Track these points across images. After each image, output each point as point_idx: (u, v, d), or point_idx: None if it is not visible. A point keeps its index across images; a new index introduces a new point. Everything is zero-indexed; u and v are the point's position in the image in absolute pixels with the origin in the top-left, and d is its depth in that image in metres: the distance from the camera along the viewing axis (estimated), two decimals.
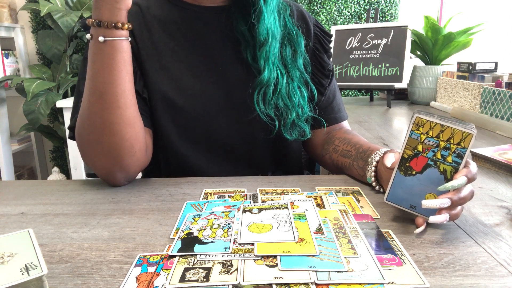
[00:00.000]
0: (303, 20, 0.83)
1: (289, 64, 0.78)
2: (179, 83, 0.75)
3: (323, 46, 0.84)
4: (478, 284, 0.38)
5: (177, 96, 0.74)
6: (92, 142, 0.65)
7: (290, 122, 0.76)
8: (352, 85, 1.72)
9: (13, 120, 2.43)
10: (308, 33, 0.83)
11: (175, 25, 0.76)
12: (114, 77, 0.63)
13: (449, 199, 0.47)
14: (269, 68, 0.74)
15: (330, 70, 0.85)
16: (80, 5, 2.17)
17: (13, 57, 2.35)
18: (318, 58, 0.83)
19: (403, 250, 0.44)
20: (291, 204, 0.54)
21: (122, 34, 0.62)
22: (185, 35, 0.76)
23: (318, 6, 2.21)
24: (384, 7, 2.19)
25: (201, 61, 0.76)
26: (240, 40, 0.76)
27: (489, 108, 1.18)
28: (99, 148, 0.65)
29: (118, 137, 0.64)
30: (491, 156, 0.75)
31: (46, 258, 0.44)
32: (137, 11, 0.77)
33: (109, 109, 0.63)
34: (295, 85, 0.77)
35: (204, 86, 0.75)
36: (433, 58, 1.62)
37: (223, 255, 0.42)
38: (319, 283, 0.37)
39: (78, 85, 0.76)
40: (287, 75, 0.77)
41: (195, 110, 0.75)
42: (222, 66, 0.76)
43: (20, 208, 0.59)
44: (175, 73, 0.75)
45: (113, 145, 0.64)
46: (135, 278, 0.40)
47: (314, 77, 0.82)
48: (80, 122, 0.66)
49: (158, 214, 0.56)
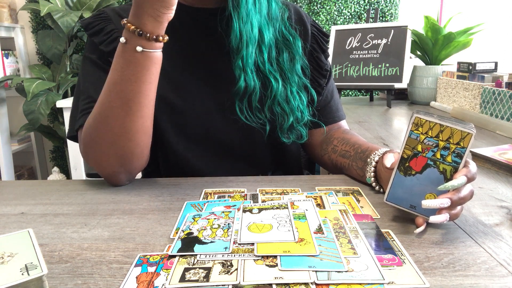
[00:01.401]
0: (301, 22, 0.83)
1: (287, 69, 0.77)
2: (177, 84, 0.75)
3: (320, 46, 0.84)
4: (478, 284, 0.38)
5: (175, 97, 0.74)
6: (104, 144, 0.65)
7: (287, 126, 0.75)
8: (352, 85, 1.72)
9: (13, 120, 2.43)
10: (306, 35, 0.82)
11: (171, 27, 0.76)
12: (144, 87, 0.62)
13: (449, 199, 0.47)
14: (248, 76, 0.72)
15: (328, 70, 0.84)
16: (80, 5, 2.17)
17: (13, 57, 2.35)
18: (315, 58, 0.83)
19: (403, 250, 0.44)
20: (291, 204, 0.54)
21: (159, 46, 0.62)
22: (179, 37, 0.76)
23: (318, 6, 2.21)
24: (384, 7, 2.19)
25: (196, 64, 0.76)
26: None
27: (489, 108, 1.18)
28: (111, 151, 0.65)
29: (133, 143, 0.64)
30: (491, 156, 0.75)
31: (46, 258, 0.44)
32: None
33: (132, 116, 0.63)
34: (293, 90, 0.77)
35: (201, 87, 0.75)
36: (433, 58, 1.62)
37: (223, 255, 0.42)
38: (319, 283, 0.37)
39: (78, 85, 0.75)
40: (283, 80, 0.76)
41: (194, 110, 0.75)
42: (216, 69, 0.76)
43: (20, 208, 0.59)
44: (172, 74, 0.74)
45: (126, 150, 0.65)
46: (135, 278, 0.40)
47: (312, 77, 0.82)
48: (92, 123, 0.65)
49: (158, 214, 0.56)
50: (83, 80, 0.74)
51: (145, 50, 0.60)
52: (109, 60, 0.70)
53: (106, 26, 0.74)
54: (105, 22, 0.74)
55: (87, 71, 0.74)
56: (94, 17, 0.76)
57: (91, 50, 0.75)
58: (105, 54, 0.72)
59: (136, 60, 0.60)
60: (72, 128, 0.74)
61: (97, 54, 0.73)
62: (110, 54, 0.70)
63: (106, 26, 0.74)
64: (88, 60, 0.75)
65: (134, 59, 0.60)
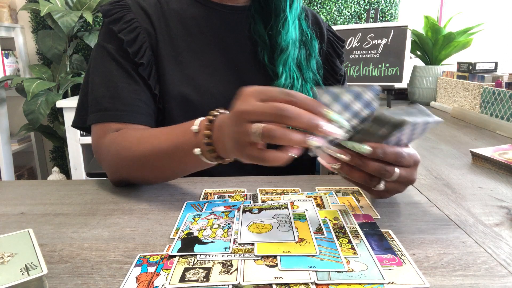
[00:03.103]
0: (317, 24, 0.85)
1: (304, 66, 0.79)
2: (196, 80, 0.74)
3: (335, 51, 0.85)
4: (478, 284, 0.38)
5: (193, 93, 0.73)
6: (126, 171, 0.65)
7: None
8: (352, 85, 1.72)
9: (13, 120, 2.43)
10: (322, 37, 0.84)
11: (194, 21, 0.76)
12: (186, 172, 0.64)
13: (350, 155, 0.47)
14: (286, 74, 0.75)
15: (342, 75, 0.87)
16: (80, 5, 2.17)
17: (13, 57, 2.35)
18: (330, 62, 0.85)
19: (403, 250, 0.44)
20: (291, 204, 0.54)
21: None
22: (203, 32, 0.75)
23: (318, 6, 2.21)
24: (384, 7, 2.18)
25: (218, 59, 0.76)
26: (257, 41, 0.76)
27: (489, 108, 1.18)
28: (131, 176, 0.65)
29: (161, 180, 0.66)
30: (491, 156, 0.75)
31: (46, 258, 0.44)
32: (156, 3, 0.75)
33: (164, 177, 0.65)
34: (308, 87, 0.78)
35: (220, 85, 0.75)
36: (433, 58, 1.62)
37: (223, 255, 0.42)
38: (319, 283, 0.37)
39: (88, 74, 0.74)
40: (301, 77, 0.78)
41: (211, 108, 0.75)
42: (239, 66, 0.76)
43: (20, 208, 0.59)
44: (192, 70, 0.74)
45: (152, 180, 0.66)
46: (135, 278, 0.40)
47: (326, 81, 0.84)
48: (122, 150, 0.63)
49: (158, 214, 0.56)
50: (95, 70, 0.72)
51: (207, 161, 0.55)
52: (127, 51, 0.70)
53: (126, 14, 0.72)
54: (125, 10, 0.73)
55: (100, 61, 0.73)
56: (112, 3, 0.74)
57: (108, 39, 0.72)
58: (124, 43, 0.70)
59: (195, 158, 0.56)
60: (80, 119, 0.74)
61: (114, 45, 0.71)
62: (129, 44, 0.70)
63: (126, 15, 0.72)
64: (103, 49, 0.72)
65: (193, 157, 0.56)
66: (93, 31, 2.24)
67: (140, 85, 0.71)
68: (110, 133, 0.68)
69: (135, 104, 0.70)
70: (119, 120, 0.68)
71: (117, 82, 0.70)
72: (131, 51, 0.70)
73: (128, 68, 0.71)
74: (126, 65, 0.71)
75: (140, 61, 0.70)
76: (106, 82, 0.70)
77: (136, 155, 0.62)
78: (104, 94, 0.69)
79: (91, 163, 1.16)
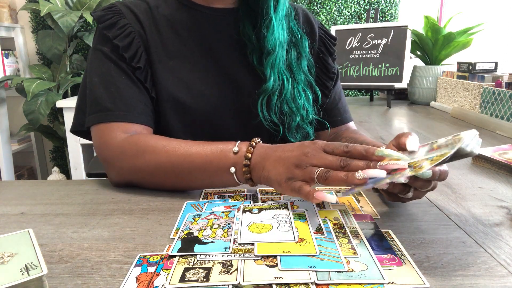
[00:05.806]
0: (308, 22, 0.84)
1: (294, 67, 0.78)
2: (187, 83, 0.74)
3: (327, 49, 0.85)
4: (478, 284, 0.38)
5: (185, 96, 0.74)
6: (141, 179, 0.65)
7: (294, 125, 0.76)
8: (352, 85, 1.72)
9: (13, 120, 2.43)
10: (313, 36, 0.83)
11: (183, 25, 0.76)
12: (210, 187, 0.64)
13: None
14: (275, 76, 0.74)
15: (335, 72, 0.86)
16: (80, 5, 2.17)
17: (13, 57, 2.35)
18: (322, 60, 0.84)
19: (403, 250, 0.44)
20: (291, 204, 0.54)
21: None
22: (192, 35, 0.76)
23: (318, 6, 2.21)
24: (384, 7, 2.19)
25: (208, 62, 0.76)
26: (246, 44, 0.76)
27: (489, 108, 1.18)
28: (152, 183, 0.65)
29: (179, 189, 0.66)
30: (491, 156, 0.75)
31: (46, 258, 0.44)
32: (146, 9, 0.76)
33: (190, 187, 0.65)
34: (300, 88, 0.78)
35: (212, 87, 0.75)
36: (433, 58, 1.62)
37: (223, 255, 0.42)
38: (319, 283, 0.37)
39: (85, 77, 0.74)
40: (292, 79, 0.77)
41: (204, 110, 0.75)
42: (229, 68, 0.76)
43: (20, 208, 0.59)
44: (183, 73, 0.74)
45: (168, 187, 0.65)
46: (135, 278, 0.40)
47: (319, 80, 0.83)
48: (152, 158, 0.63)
49: (158, 214, 0.56)
50: (93, 72, 0.72)
51: (236, 180, 0.59)
52: (122, 54, 0.70)
53: (119, 20, 0.72)
54: (118, 16, 0.73)
55: (97, 63, 0.73)
56: (105, 9, 0.74)
57: (103, 42, 0.73)
58: (120, 49, 0.70)
59: (227, 176, 0.60)
60: (79, 123, 0.73)
61: (109, 47, 0.72)
62: (124, 49, 0.70)
63: (119, 21, 0.72)
64: (99, 51, 0.72)
65: (225, 174, 0.59)
66: (93, 31, 2.24)
67: (138, 86, 0.71)
68: (122, 134, 0.67)
69: (136, 104, 0.70)
70: (122, 120, 0.68)
71: (117, 82, 0.70)
72: (127, 56, 0.70)
73: (126, 70, 0.71)
74: (124, 67, 0.71)
75: (137, 65, 0.71)
76: (105, 82, 0.70)
77: (163, 161, 0.62)
78: (104, 94, 0.69)
79: (91, 163, 1.16)
